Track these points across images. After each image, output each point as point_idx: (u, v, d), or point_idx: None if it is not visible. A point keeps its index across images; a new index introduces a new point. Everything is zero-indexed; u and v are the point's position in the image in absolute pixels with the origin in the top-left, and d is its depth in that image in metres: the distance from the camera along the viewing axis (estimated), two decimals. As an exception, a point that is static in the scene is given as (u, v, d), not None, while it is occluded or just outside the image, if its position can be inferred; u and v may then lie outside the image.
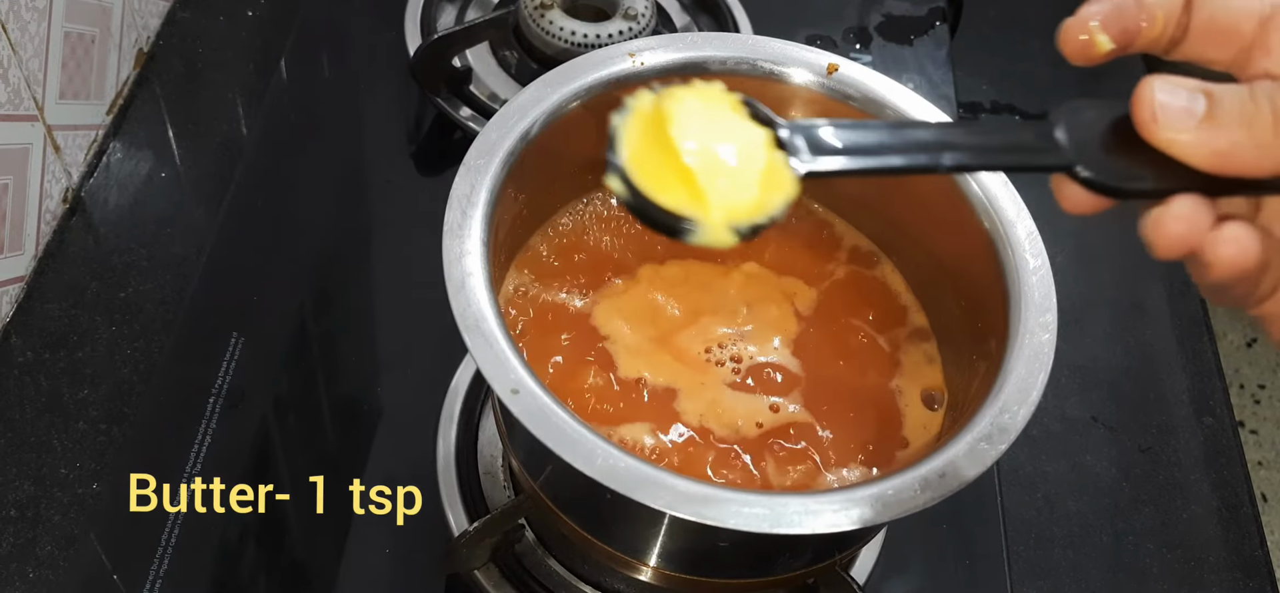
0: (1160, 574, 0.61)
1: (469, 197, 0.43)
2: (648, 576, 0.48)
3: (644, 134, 0.31)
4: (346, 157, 0.75)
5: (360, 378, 0.64)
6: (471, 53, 0.77)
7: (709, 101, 0.31)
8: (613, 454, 0.37)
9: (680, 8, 0.84)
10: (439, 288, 0.40)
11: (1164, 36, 0.31)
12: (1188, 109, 0.28)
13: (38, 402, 0.60)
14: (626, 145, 0.31)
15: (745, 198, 0.30)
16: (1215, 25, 0.30)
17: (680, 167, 0.30)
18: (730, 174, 0.30)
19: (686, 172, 0.30)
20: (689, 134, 0.30)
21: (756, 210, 0.30)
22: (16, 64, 0.61)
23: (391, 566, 0.56)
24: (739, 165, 0.30)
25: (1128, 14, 0.31)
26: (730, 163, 0.30)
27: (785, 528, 0.37)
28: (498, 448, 0.59)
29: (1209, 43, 0.31)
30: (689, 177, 0.30)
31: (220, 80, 0.78)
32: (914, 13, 0.89)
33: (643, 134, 0.31)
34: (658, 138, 0.30)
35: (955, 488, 0.38)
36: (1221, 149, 0.28)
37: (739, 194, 0.30)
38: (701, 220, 0.30)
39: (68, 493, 0.57)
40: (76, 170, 0.70)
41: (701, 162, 0.30)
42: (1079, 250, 0.75)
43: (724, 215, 0.30)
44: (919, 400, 0.49)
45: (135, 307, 0.65)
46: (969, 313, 0.49)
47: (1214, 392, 0.69)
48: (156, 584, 0.54)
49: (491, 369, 0.39)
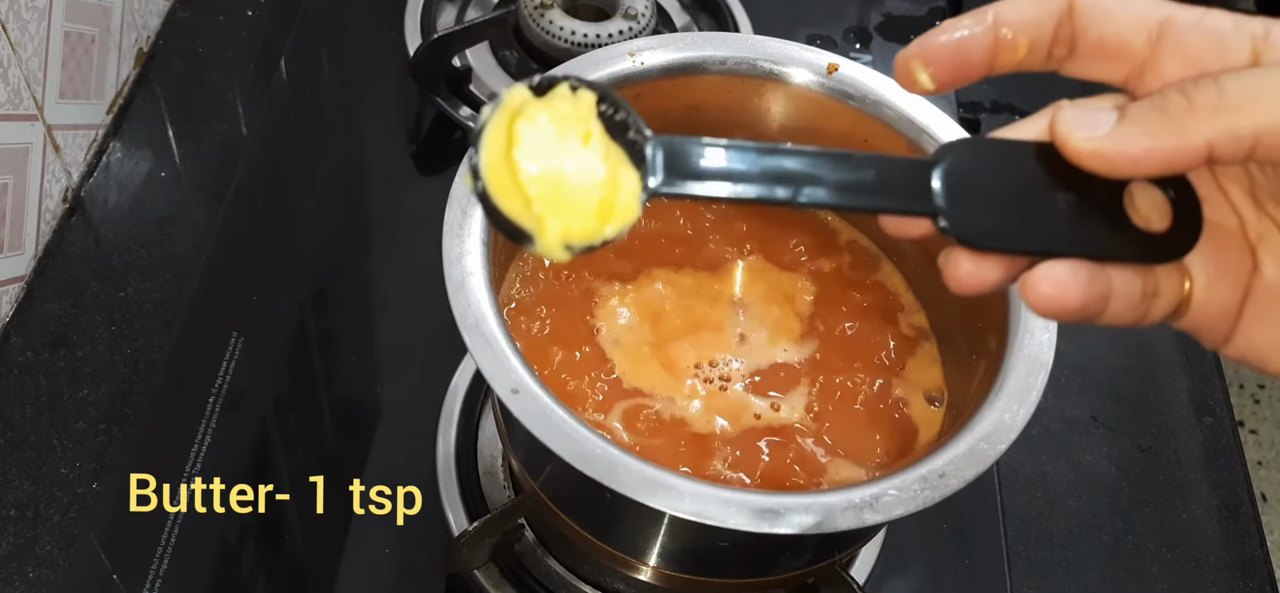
0: (1160, 574, 0.61)
1: (469, 196, 0.43)
2: (648, 576, 0.48)
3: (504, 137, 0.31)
4: (346, 156, 0.75)
5: (360, 378, 0.64)
6: (471, 52, 0.77)
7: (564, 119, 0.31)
8: (613, 454, 0.37)
9: (680, 7, 0.84)
10: (439, 287, 0.40)
11: (1035, 58, 0.31)
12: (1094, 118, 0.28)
13: (37, 401, 0.60)
14: (487, 143, 0.31)
15: (579, 223, 0.31)
16: (1104, 46, 0.30)
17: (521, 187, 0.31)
18: (567, 201, 0.31)
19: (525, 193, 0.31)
20: (533, 157, 0.31)
21: (591, 234, 0.31)
22: (16, 64, 0.61)
23: (391, 566, 0.56)
24: (577, 193, 0.31)
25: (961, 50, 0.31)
26: (568, 189, 0.31)
27: (785, 528, 0.37)
28: (498, 448, 0.59)
29: (1098, 62, 0.31)
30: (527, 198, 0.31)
31: (220, 80, 0.78)
32: (914, 12, 0.89)
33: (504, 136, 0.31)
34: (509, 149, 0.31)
35: (955, 488, 0.38)
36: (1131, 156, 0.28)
37: (573, 220, 0.31)
38: (537, 238, 0.31)
39: (67, 493, 0.57)
40: (76, 170, 0.70)
41: (539, 188, 0.31)
42: (1079, 250, 0.75)
43: (558, 237, 0.31)
44: (919, 401, 0.49)
45: (135, 306, 0.65)
46: (969, 312, 0.48)
47: (1214, 391, 0.69)
48: (156, 584, 0.54)
49: (491, 369, 0.39)
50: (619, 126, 0.32)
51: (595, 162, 0.31)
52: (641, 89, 0.49)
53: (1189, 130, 0.27)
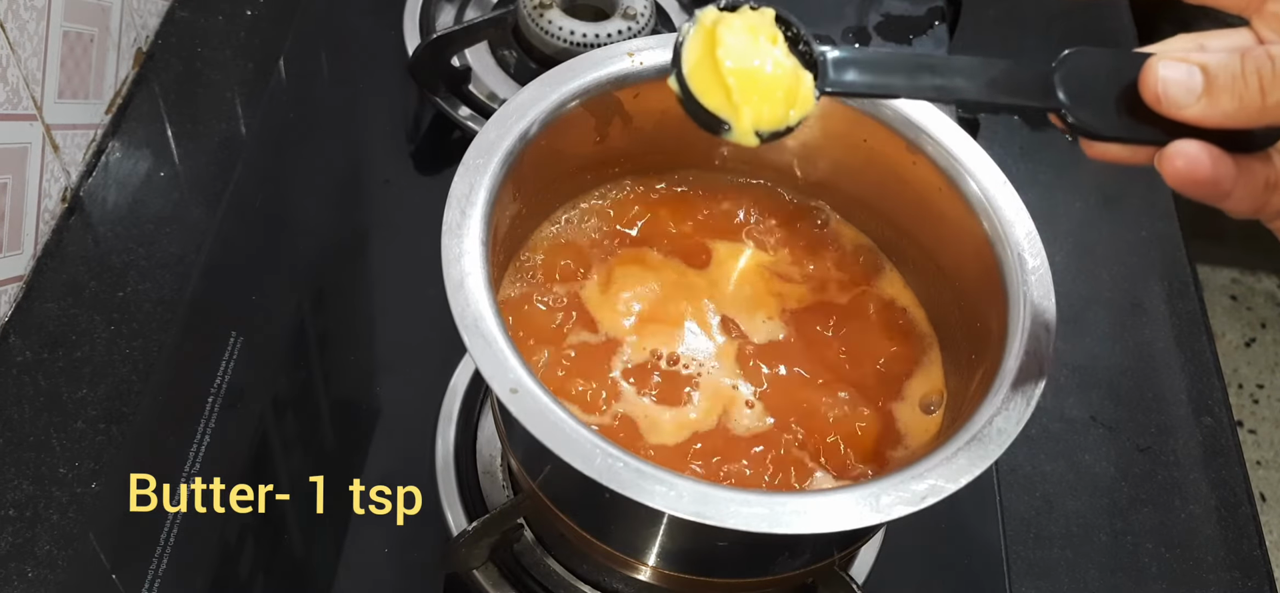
0: (1159, 574, 0.61)
1: (468, 196, 0.43)
2: (647, 575, 0.48)
3: (701, 46, 0.38)
4: (345, 156, 0.75)
5: (359, 378, 0.64)
6: (470, 52, 0.77)
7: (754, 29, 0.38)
8: (612, 454, 0.37)
9: (679, 7, 0.84)
10: (438, 287, 0.40)
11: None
12: (1188, 86, 0.33)
13: (36, 401, 0.60)
14: (687, 52, 0.38)
15: (769, 110, 0.37)
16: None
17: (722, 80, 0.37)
18: (759, 92, 0.37)
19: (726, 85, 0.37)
20: (730, 55, 0.37)
21: (778, 119, 0.38)
22: (15, 63, 0.61)
23: (391, 566, 0.56)
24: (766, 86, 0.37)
25: None
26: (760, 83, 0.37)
27: (784, 528, 0.37)
28: (496, 448, 0.59)
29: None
30: (728, 89, 0.37)
31: (219, 80, 0.78)
32: (913, 12, 0.89)
33: (701, 45, 0.38)
34: (709, 52, 0.37)
35: (954, 488, 0.38)
36: (1218, 118, 0.33)
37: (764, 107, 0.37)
38: (734, 124, 0.38)
39: (67, 493, 0.57)
40: (75, 170, 0.70)
41: (737, 80, 0.37)
42: (1078, 250, 0.75)
43: (751, 123, 0.38)
44: (918, 401, 0.49)
45: (134, 306, 0.65)
46: (968, 313, 0.49)
47: (1213, 391, 0.69)
48: (156, 584, 0.54)
49: (490, 369, 0.39)
50: (793, 40, 0.38)
51: (784, 57, 0.37)
52: (640, 89, 0.49)
53: (1271, 97, 0.32)
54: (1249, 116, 0.33)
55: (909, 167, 0.49)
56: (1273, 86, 0.32)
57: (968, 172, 0.48)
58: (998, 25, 0.91)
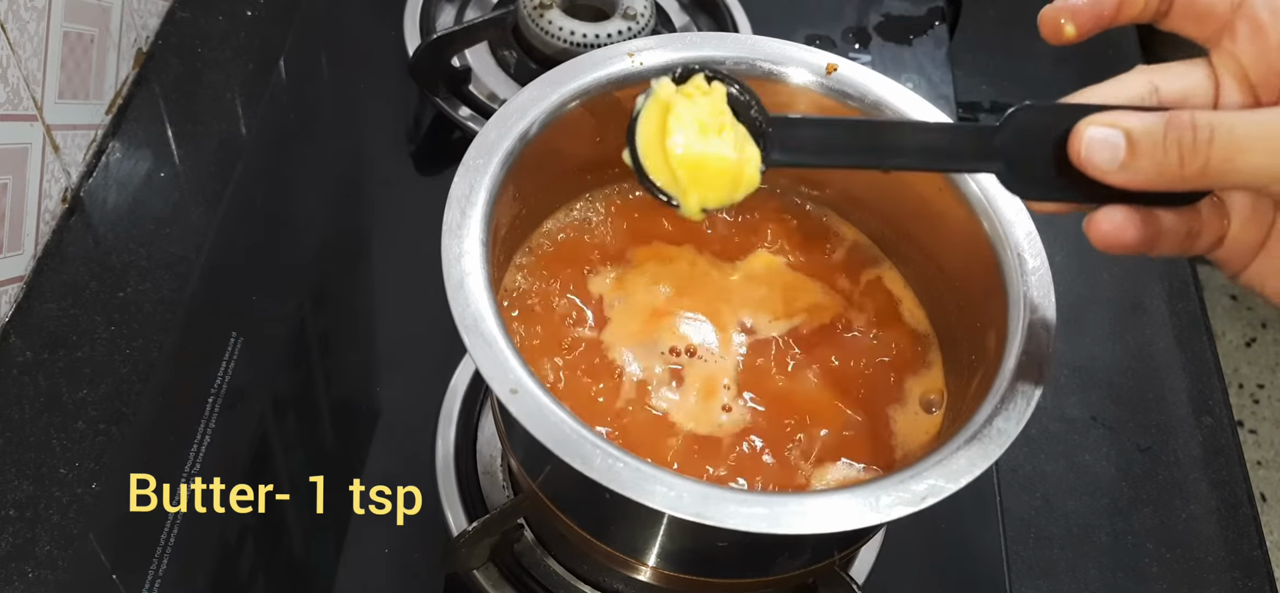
0: (1159, 574, 0.61)
1: (468, 196, 0.43)
2: (647, 576, 0.48)
3: (654, 124, 0.40)
4: (345, 156, 0.75)
5: (359, 378, 0.64)
6: (470, 52, 0.77)
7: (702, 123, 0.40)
8: (612, 454, 0.37)
9: (679, 7, 0.84)
10: (438, 287, 0.40)
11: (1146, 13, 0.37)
12: (1112, 153, 0.34)
13: (37, 401, 0.60)
14: (641, 127, 0.40)
15: (714, 193, 0.40)
16: (1194, 8, 0.36)
17: (671, 167, 0.40)
18: (705, 179, 0.40)
19: (674, 172, 0.40)
20: (680, 146, 0.39)
21: (722, 200, 0.40)
22: (15, 64, 0.61)
23: (391, 565, 0.56)
24: (713, 175, 0.40)
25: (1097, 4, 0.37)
26: (707, 172, 0.40)
27: (784, 528, 0.37)
28: (497, 448, 0.59)
29: (1187, 21, 0.36)
30: (676, 175, 0.40)
31: (219, 80, 0.78)
32: (913, 12, 0.89)
33: (654, 123, 0.40)
34: (660, 137, 0.40)
35: (954, 489, 0.38)
36: (1141, 184, 0.34)
37: (710, 191, 0.40)
38: (682, 203, 0.40)
39: (67, 493, 0.57)
40: (75, 170, 0.70)
41: (684, 171, 0.40)
42: (1078, 250, 0.75)
43: (698, 203, 0.40)
44: (918, 400, 0.49)
45: (134, 306, 0.65)
46: (968, 313, 0.49)
47: (1213, 391, 0.69)
48: (156, 584, 0.54)
49: (490, 369, 0.39)
50: (743, 106, 0.40)
51: (728, 148, 0.39)
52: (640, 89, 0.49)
53: (1188, 169, 0.33)
54: (1168, 183, 0.34)
55: (909, 167, 0.49)
56: (1191, 157, 0.33)
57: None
58: (998, 25, 0.91)
